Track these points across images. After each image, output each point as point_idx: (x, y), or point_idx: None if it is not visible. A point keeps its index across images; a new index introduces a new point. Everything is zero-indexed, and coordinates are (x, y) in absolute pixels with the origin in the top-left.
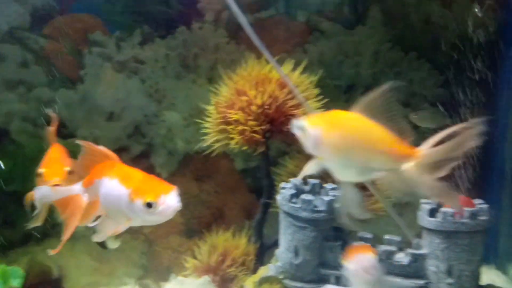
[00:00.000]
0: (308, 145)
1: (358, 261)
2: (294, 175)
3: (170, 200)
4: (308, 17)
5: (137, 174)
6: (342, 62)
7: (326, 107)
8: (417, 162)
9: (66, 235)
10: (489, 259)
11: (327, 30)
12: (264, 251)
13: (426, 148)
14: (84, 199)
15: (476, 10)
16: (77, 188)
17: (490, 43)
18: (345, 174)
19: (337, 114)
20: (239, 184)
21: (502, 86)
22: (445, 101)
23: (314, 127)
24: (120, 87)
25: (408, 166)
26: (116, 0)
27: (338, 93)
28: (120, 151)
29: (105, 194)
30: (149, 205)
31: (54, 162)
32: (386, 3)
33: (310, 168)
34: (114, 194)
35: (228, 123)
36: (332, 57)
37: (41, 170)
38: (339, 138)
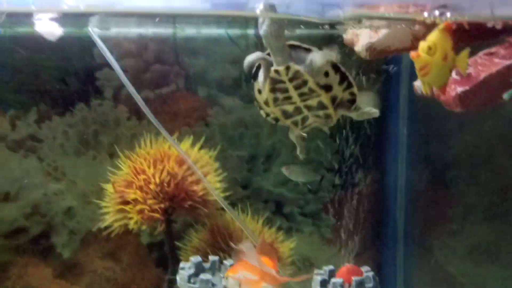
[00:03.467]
0: None
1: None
2: (199, 249)
3: None
4: (208, 92)
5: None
6: (242, 134)
7: (230, 176)
8: None
9: None
10: None
11: (227, 104)
12: None
13: None
14: None
15: None
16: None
17: None
18: None
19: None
20: (145, 259)
21: (390, 143)
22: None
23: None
24: (15, 166)
25: None
26: (10, 79)
27: (241, 163)
28: (17, 232)
29: None
30: None
31: None
32: None
33: None
34: None
35: (126, 202)
36: (233, 130)
37: None
38: None
